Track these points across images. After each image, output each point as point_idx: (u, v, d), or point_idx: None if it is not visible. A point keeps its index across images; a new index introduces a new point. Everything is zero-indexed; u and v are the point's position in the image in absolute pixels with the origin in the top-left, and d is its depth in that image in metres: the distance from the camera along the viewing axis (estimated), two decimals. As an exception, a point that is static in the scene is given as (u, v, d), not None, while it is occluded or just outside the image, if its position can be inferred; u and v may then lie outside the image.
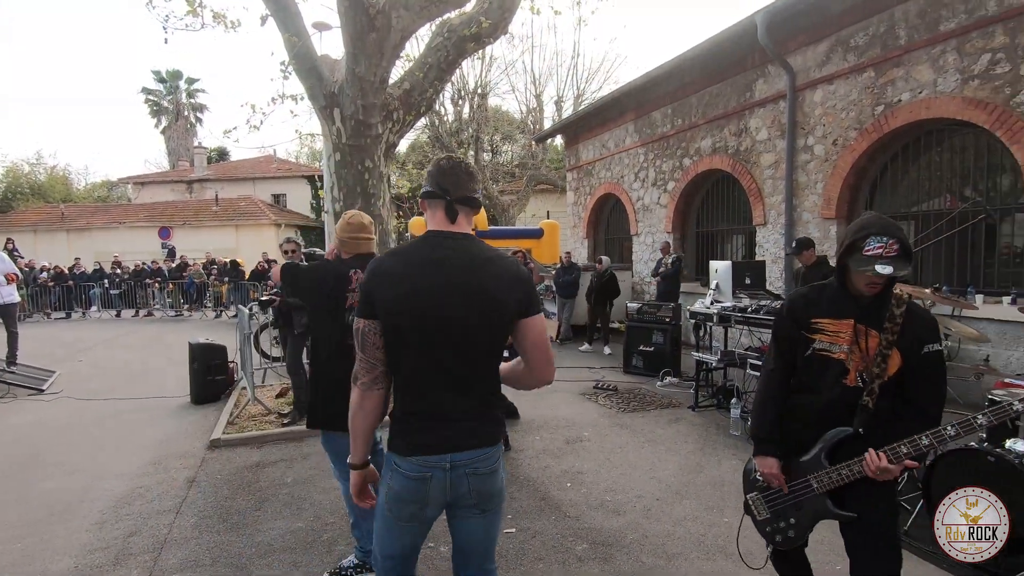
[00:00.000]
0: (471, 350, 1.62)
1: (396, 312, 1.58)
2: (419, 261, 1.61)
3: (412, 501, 1.61)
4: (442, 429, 1.60)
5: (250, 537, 3.19)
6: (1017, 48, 5.15)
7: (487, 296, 1.60)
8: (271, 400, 5.88)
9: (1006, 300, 5.33)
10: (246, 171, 26.73)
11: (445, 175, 1.66)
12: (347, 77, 5.17)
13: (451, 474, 1.60)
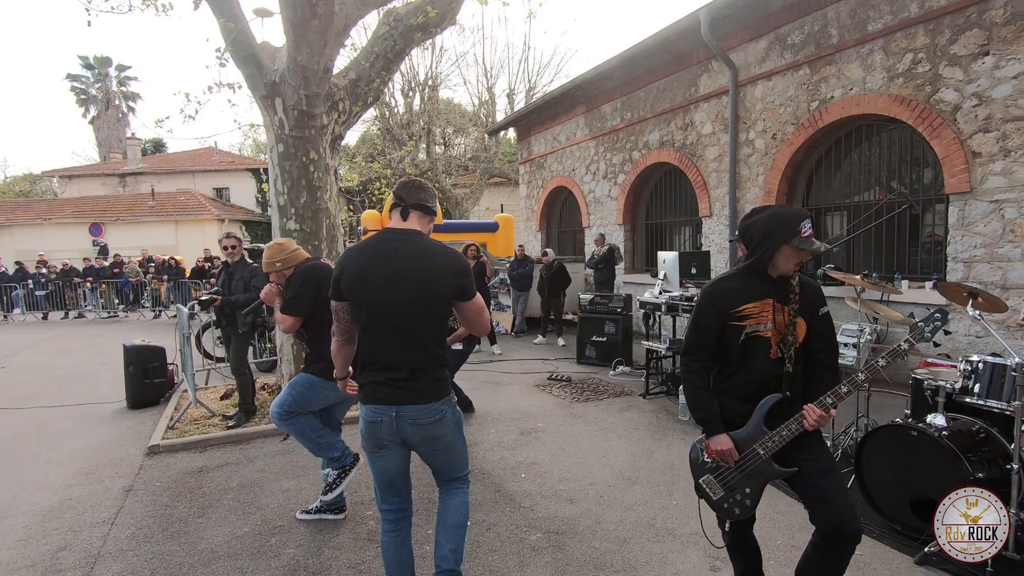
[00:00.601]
0: (412, 324, 2.07)
1: (354, 295, 2.08)
2: (371, 255, 2.08)
3: (370, 437, 2.13)
4: (390, 386, 2.07)
5: (192, 545, 3.05)
6: (936, 49, 5.48)
7: (426, 282, 2.06)
8: (215, 402, 5.64)
9: (928, 285, 5.70)
10: (185, 164, 25.44)
11: (403, 187, 2.21)
12: (288, 66, 4.98)
13: (397, 421, 2.07)
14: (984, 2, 5.10)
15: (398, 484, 2.23)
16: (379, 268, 2.05)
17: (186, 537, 3.14)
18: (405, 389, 2.06)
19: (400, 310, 2.05)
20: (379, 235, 2.14)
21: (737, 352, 2.04)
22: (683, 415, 5.00)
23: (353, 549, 2.98)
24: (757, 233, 2.02)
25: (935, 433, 2.81)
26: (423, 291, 2.05)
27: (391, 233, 2.13)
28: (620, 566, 2.76)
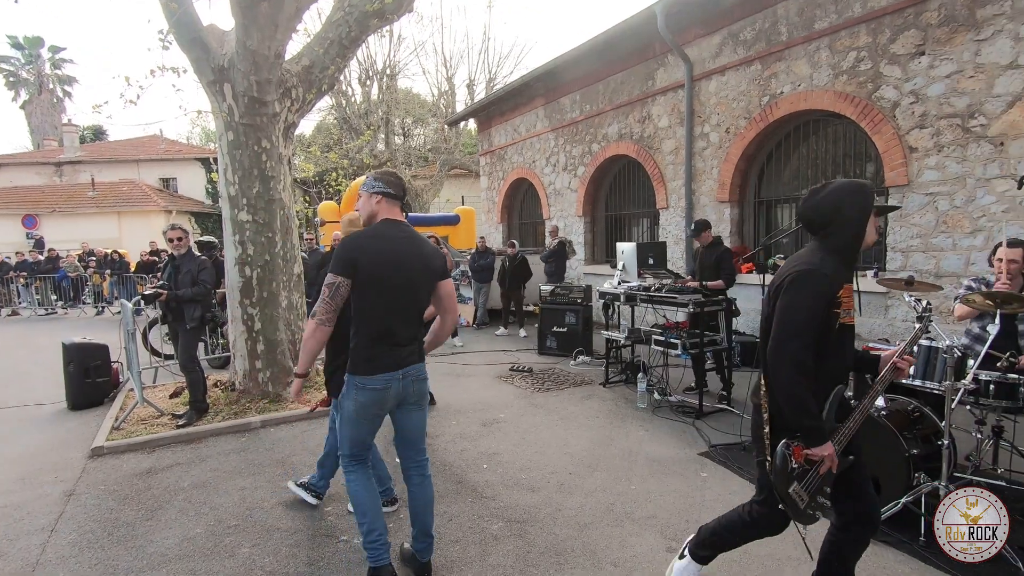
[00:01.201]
0: (414, 298, 2.48)
1: (374, 271, 2.36)
2: (384, 239, 2.42)
3: (376, 404, 2.42)
4: (396, 352, 2.42)
5: (140, 549, 2.93)
6: (878, 48, 5.74)
7: (425, 262, 2.49)
8: (164, 401, 5.43)
9: (870, 274, 5.99)
10: (128, 152, 24.17)
11: (398, 186, 2.56)
12: (238, 50, 4.79)
13: (403, 382, 2.44)
14: (921, 4, 5.36)
15: (369, 444, 2.63)
16: (393, 251, 2.41)
17: (133, 541, 3.02)
18: (407, 353, 2.47)
19: (409, 288, 2.44)
20: (384, 224, 2.48)
21: (834, 342, 1.90)
22: (641, 403, 5.11)
23: (311, 546, 2.92)
24: (853, 209, 1.89)
25: (875, 413, 2.97)
26: (424, 271, 2.48)
27: (391, 222, 2.49)
28: (580, 551, 2.81)
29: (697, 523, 3.02)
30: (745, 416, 4.54)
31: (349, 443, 2.52)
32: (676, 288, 5.08)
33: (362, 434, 2.51)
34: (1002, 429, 3.28)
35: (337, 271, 2.34)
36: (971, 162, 5.13)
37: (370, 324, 2.39)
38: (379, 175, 2.55)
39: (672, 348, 4.98)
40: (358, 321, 2.40)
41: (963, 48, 5.10)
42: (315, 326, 2.38)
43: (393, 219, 2.50)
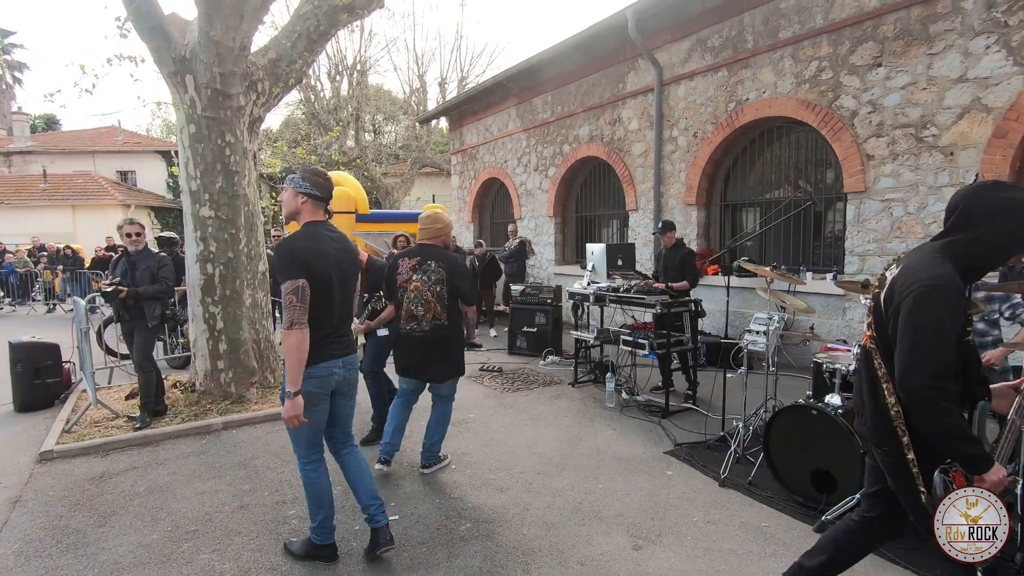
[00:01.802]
0: (348, 293, 2.73)
1: (324, 273, 2.53)
2: (321, 239, 2.59)
3: (323, 388, 2.60)
4: (338, 343, 2.65)
5: (92, 558, 2.82)
6: (838, 58, 5.93)
7: (354, 260, 2.76)
8: (119, 403, 5.23)
9: (828, 276, 6.20)
10: (84, 143, 23.20)
11: (325, 187, 2.65)
12: (201, 41, 4.65)
13: (344, 369, 2.68)
14: (878, 17, 5.57)
15: (323, 430, 2.74)
16: (329, 251, 2.58)
17: (84, 549, 2.89)
18: (345, 343, 2.70)
19: (344, 284, 2.66)
20: (316, 225, 2.62)
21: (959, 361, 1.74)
22: (609, 402, 5.16)
23: (273, 551, 2.86)
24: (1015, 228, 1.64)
25: (831, 412, 3.07)
26: (353, 268, 2.74)
27: (321, 224, 2.65)
28: (547, 551, 2.83)
29: (663, 520, 3.08)
30: (710, 415, 4.65)
31: (305, 440, 2.64)
32: (644, 289, 5.15)
33: (318, 422, 2.65)
34: (950, 426, 3.42)
35: (295, 274, 2.44)
36: (924, 170, 5.35)
37: (318, 319, 2.53)
38: (308, 175, 2.61)
39: (640, 348, 5.04)
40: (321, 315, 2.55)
41: (917, 61, 5.32)
42: (300, 333, 2.42)
43: (321, 221, 2.66)
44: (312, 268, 2.47)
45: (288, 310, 2.42)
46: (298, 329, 2.41)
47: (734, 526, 3.04)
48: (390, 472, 3.74)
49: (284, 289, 2.44)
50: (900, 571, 2.60)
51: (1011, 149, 4.77)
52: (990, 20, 4.84)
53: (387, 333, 4.41)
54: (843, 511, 2.91)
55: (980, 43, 4.90)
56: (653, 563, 2.71)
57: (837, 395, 3.27)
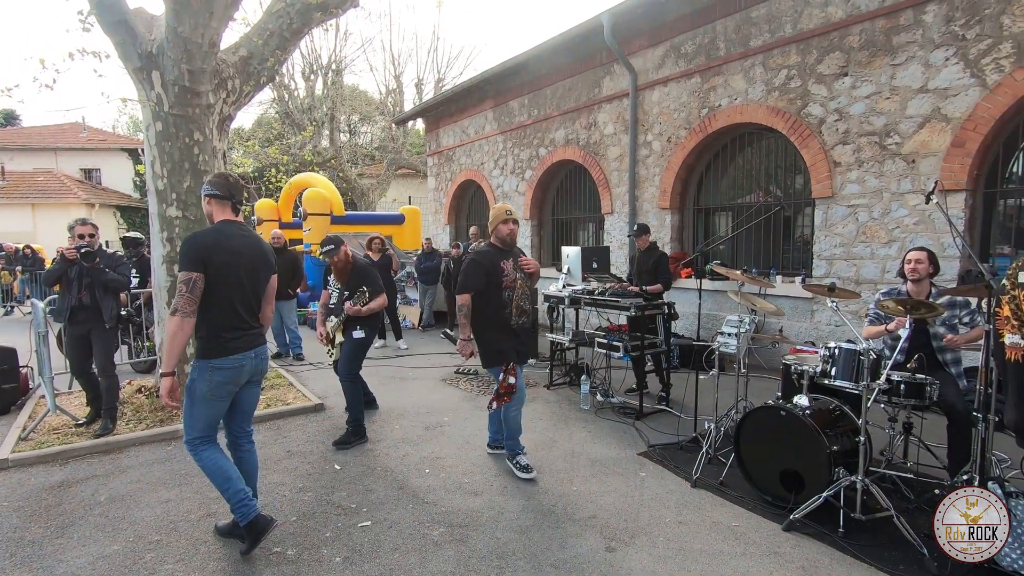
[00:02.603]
0: (256, 287, 2.86)
1: (226, 267, 2.66)
2: (229, 237, 2.74)
3: (232, 381, 2.75)
4: (247, 335, 2.79)
5: (48, 570, 2.71)
6: (806, 67, 6.09)
7: (264, 258, 2.90)
8: (80, 409, 5.04)
9: (797, 280, 6.34)
10: (45, 140, 22.41)
11: (233, 187, 2.84)
12: (168, 36, 4.52)
13: (255, 360, 2.83)
14: (844, 28, 5.73)
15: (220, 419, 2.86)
16: (236, 247, 2.73)
17: (40, 562, 2.78)
18: (255, 335, 2.85)
19: (252, 279, 2.80)
20: (223, 224, 2.78)
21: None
22: (584, 404, 5.19)
23: (242, 560, 2.79)
24: None
25: (799, 412, 3.13)
26: (264, 263, 2.89)
27: (229, 222, 2.81)
28: (521, 554, 2.82)
29: (636, 521, 3.10)
30: (683, 417, 4.70)
31: (202, 424, 2.73)
32: (619, 292, 5.19)
33: (216, 413, 2.78)
34: (911, 425, 3.54)
35: (191, 268, 2.59)
36: (887, 177, 5.52)
37: (223, 313, 2.69)
38: (212, 179, 2.85)
39: (614, 350, 5.08)
40: (211, 311, 2.66)
41: (881, 71, 5.49)
42: (181, 319, 2.56)
43: (230, 219, 2.82)
44: (214, 263, 2.63)
45: (176, 296, 2.59)
46: (179, 316, 2.56)
47: (705, 526, 3.08)
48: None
49: (179, 278, 2.62)
50: (863, 567, 2.66)
51: (968, 158, 4.95)
52: (949, 33, 5.02)
53: (363, 335, 4.40)
54: (810, 510, 2.97)
55: (940, 55, 5.09)
56: (626, 564, 2.72)
57: (805, 396, 3.34)
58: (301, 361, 7.25)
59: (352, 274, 4.50)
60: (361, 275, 4.49)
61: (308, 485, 3.63)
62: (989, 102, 4.81)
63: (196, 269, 2.59)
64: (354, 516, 3.20)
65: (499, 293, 3.63)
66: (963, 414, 3.22)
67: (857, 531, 2.90)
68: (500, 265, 3.63)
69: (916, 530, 2.75)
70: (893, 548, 2.78)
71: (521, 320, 3.71)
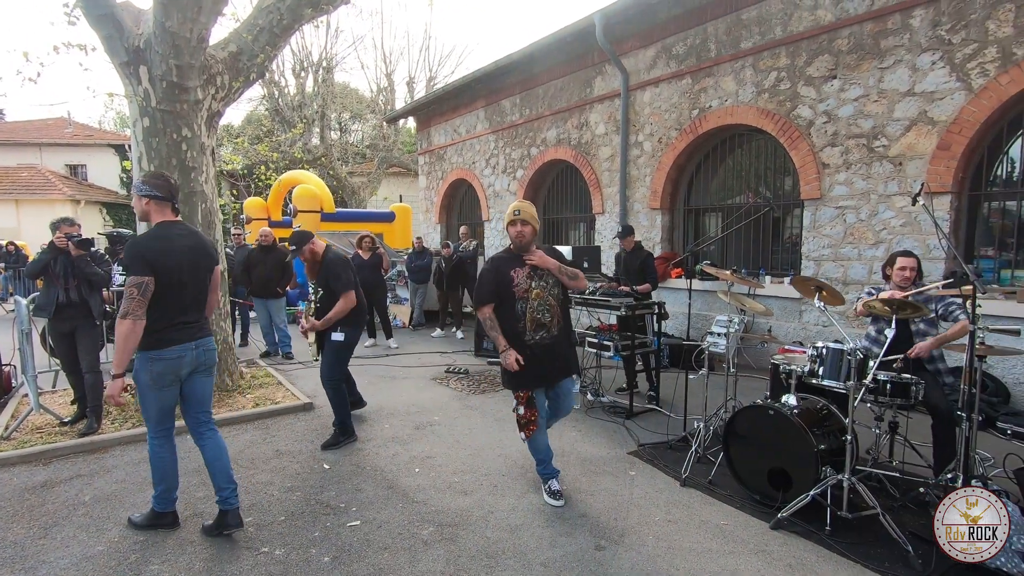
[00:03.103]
0: (202, 285, 3.00)
1: (173, 269, 2.80)
2: (170, 238, 2.86)
3: (172, 371, 2.86)
4: (189, 328, 2.91)
5: (31, 571, 2.67)
6: (796, 69, 6.14)
7: (206, 255, 3.01)
8: (64, 408, 4.98)
9: (786, 281, 6.40)
10: (29, 135, 22.06)
11: (173, 188, 2.96)
12: (156, 31, 4.47)
13: (196, 351, 2.92)
14: (833, 31, 5.78)
15: (173, 410, 2.98)
16: (178, 247, 2.85)
17: (22, 563, 2.74)
18: (197, 328, 2.95)
19: (195, 276, 2.92)
20: (164, 225, 2.89)
21: None
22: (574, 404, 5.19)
23: (229, 560, 2.76)
24: None
25: (787, 412, 3.16)
26: (207, 261, 3.00)
27: (169, 223, 2.91)
28: (511, 553, 2.82)
29: (626, 520, 3.11)
30: (672, 416, 4.73)
31: (155, 413, 2.89)
32: (609, 291, 5.20)
33: (165, 402, 2.90)
34: (897, 424, 3.58)
35: (141, 272, 2.70)
36: (875, 179, 5.58)
37: (166, 310, 2.81)
38: (147, 178, 2.92)
39: (605, 350, 5.09)
40: (155, 309, 2.76)
41: (869, 74, 5.55)
42: (133, 323, 2.66)
43: (169, 220, 2.92)
44: (160, 265, 2.74)
45: (126, 300, 2.67)
46: (131, 319, 2.66)
47: (694, 524, 3.09)
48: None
49: (128, 282, 2.70)
50: (849, 564, 2.69)
51: (954, 161, 5.02)
52: (936, 38, 5.08)
53: (342, 337, 4.28)
54: (798, 508, 3.00)
55: (926, 59, 5.15)
56: (615, 563, 2.73)
57: (793, 396, 3.37)
58: (290, 360, 7.20)
59: (320, 270, 4.28)
60: (327, 271, 4.24)
61: (297, 485, 3.60)
62: (974, 106, 4.88)
63: (146, 273, 2.70)
64: (343, 515, 3.19)
65: (512, 305, 3.23)
66: (946, 413, 3.26)
67: (844, 529, 2.93)
68: (510, 274, 3.21)
69: (901, 528, 2.78)
70: (879, 546, 2.81)
71: (539, 336, 3.23)
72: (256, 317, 7.75)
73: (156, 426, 2.92)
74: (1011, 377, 4.83)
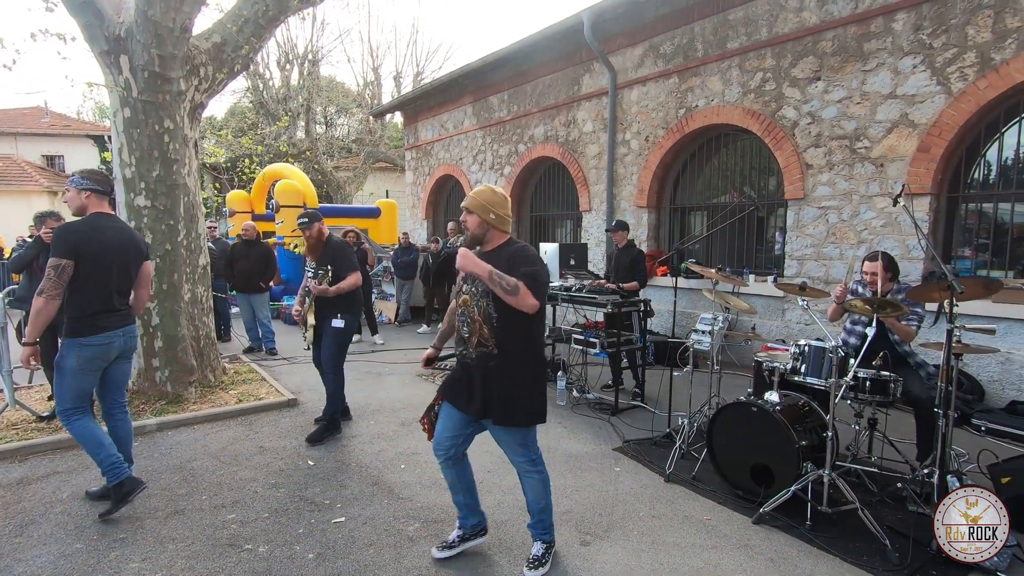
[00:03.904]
0: (128, 275, 3.17)
1: (100, 257, 2.97)
2: (101, 228, 3.03)
3: (100, 358, 3.05)
4: (115, 316, 3.09)
5: (7, 570, 2.61)
6: (781, 70, 6.21)
7: (135, 246, 3.20)
8: (41, 404, 4.87)
9: (769, 279, 6.48)
10: (4, 124, 21.49)
11: (109, 183, 3.19)
12: (138, 20, 4.38)
13: (123, 338, 3.14)
14: (818, 33, 5.85)
15: (91, 393, 3.19)
16: (108, 239, 3.02)
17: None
18: (124, 316, 3.15)
19: (123, 266, 3.10)
20: (98, 216, 3.06)
21: None
22: (560, 400, 5.22)
23: (211, 557, 2.73)
24: None
25: (770, 408, 3.21)
26: (135, 253, 3.18)
27: (103, 215, 3.10)
28: (496, 548, 2.82)
29: (611, 516, 3.13)
30: (657, 412, 4.77)
31: (73, 396, 3.01)
32: (595, 289, 5.23)
33: (86, 386, 3.07)
34: (876, 421, 3.65)
35: (63, 255, 2.85)
36: (857, 180, 5.67)
37: (94, 297, 2.98)
38: (87, 174, 3.10)
39: (591, 347, 5.12)
40: (83, 295, 2.95)
41: (852, 76, 5.63)
42: (46, 301, 2.83)
43: (104, 212, 3.11)
44: (85, 252, 2.91)
45: (45, 279, 2.84)
46: (46, 298, 2.84)
47: (678, 520, 3.13)
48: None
49: (49, 263, 2.85)
50: (829, 558, 2.74)
51: (933, 163, 5.12)
52: (917, 41, 5.17)
53: (343, 324, 4.26)
54: (779, 503, 3.05)
55: (908, 62, 5.24)
56: (600, 558, 2.75)
57: (775, 392, 3.42)
58: (274, 355, 7.13)
59: (324, 251, 4.27)
60: (333, 252, 4.25)
61: (281, 481, 3.57)
62: (953, 109, 4.98)
63: (68, 257, 2.87)
64: (328, 512, 3.17)
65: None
66: (928, 403, 3.33)
67: (824, 523, 2.99)
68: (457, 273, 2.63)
69: (879, 522, 2.84)
70: (857, 539, 2.86)
71: (460, 351, 2.66)
72: (239, 312, 7.65)
73: (72, 407, 3.03)
74: (986, 375, 4.95)
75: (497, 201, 2.52)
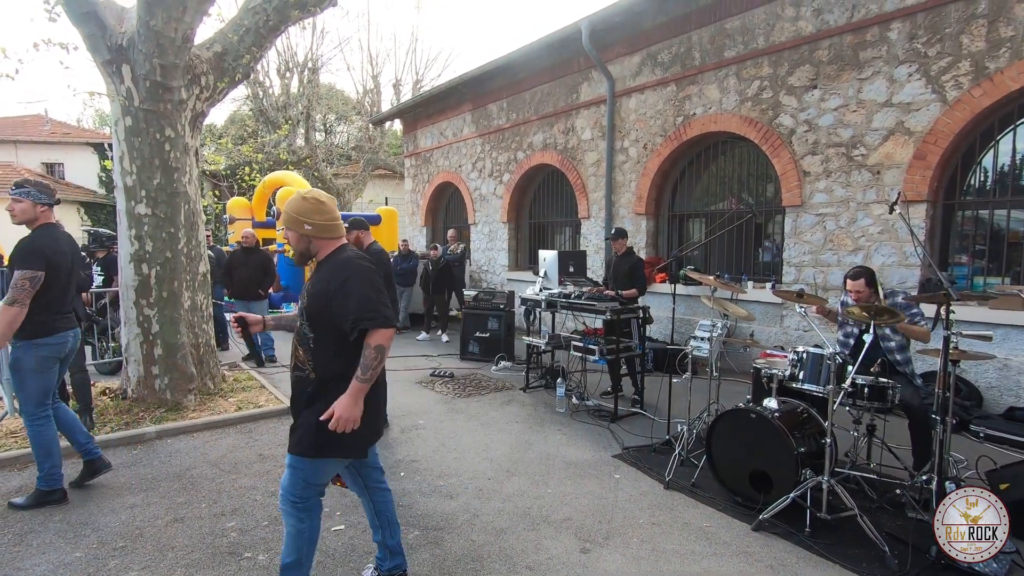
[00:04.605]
0: (76, 279, 3.46)
1: (62, 265, 3.24)
2: (57, 238, 3.27)
3: (55, 356, 3.29)
4: (68, 318, 3.36)
5: (5, 579, 2.61)
6: (778, 79, 6.25)
7: (78, 253, 3.48)
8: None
9: (768, 286, 6.49)
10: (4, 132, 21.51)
11: (54, 194, 3.35)
12: (140, 30, 4.42)
13: (73, 340, 3.41)
14: (814, 42, 5.91)
15: (53, 391, 3.37)
16: (62, 248, 3.26)
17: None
18: (71, 319, 3.41)
19: (72, 273, 3.36)
20: (54, 226, 3.31)
21: None
22: (560, 407, 5.22)
23: (211, 565, 2.73)
24: None
25: (769, 415, 3.22)
26: (79, 259, 3.50)
27: (53, 225, 3.32)
28: (497, 556, 2.83)
29: (610, 523, 3.13)
30: (656, 419, 4.77)
31: (38, 396, 3.22)
32: (595, 296, 5.24)
33: (48, 384, 3.28)
34: (874, 427, 3.66)
35: (36, 266, 3.07)
36: (854, 187, 5.70)
37: (54, 301, 3.22)
38: (41, 187, 3.28)
39: (590, 354, 5.13)
40: (46, 299, 3.14)
41: (848, 85, 5.68)
42: (19, 311, 3.02)
43: (52, 222, 3.33)
44: (54, 262, 3.16)
45: (17, 290, 3.01)
46: (19, 307, 3.01)
47: (678, 527, 3.13)
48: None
49: (21, 274, 3.02)
50: (828, 565, 2.74)
51: (929, 170, 5.15)
52: (912, 50, 5.22)
53: None
54: (779, 510, 3.05)
55: (903, 71, 5.29)
56: (600, 565, 2.75)
57: (774, 399, 3.43)
58: (273, 363, 7.13)
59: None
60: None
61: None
62: (949, 117, 5.02)
63: (41, 268, 3.08)
64: (327, 520, 3.16)
65: None
66: (920, 411, 3.35)
67: (823, 530, 2.99)
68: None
69: (878, 529, 2.85)
70: (857, 546, 2.87)
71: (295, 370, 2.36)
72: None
73: (36, 408, 3.24)
74: (983, 381, 4.96)
75: (308, 208, 2.21)
